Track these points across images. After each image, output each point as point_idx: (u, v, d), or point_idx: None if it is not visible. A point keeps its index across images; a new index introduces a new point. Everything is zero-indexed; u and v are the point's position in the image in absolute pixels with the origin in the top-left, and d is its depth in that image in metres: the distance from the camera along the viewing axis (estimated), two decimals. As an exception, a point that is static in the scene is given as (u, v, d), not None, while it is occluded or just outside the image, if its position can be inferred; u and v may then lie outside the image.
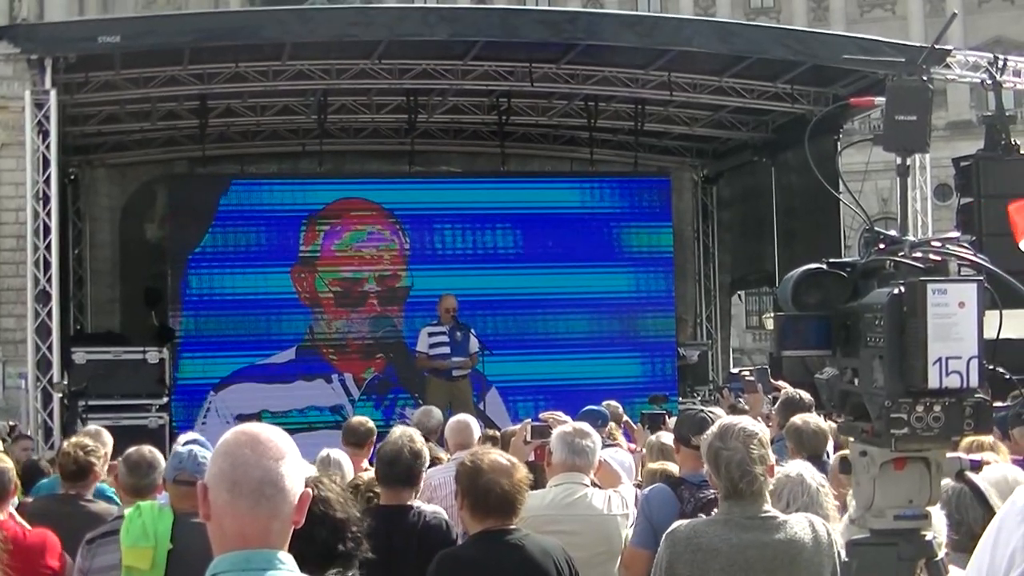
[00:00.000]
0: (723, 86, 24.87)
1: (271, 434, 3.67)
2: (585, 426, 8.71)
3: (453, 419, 11.92)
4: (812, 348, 3.94)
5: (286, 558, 3.55)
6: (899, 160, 4.00)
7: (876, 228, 3.87)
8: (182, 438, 9.99)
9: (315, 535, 3.93)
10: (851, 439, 3.94)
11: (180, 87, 24.06)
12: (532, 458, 9.19)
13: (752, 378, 13.45)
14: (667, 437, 10.09)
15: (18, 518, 8.38)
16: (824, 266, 3.98)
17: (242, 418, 24.16)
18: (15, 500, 8.67)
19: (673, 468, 9.64)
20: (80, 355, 22.19)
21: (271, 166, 28.34)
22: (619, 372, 25.76)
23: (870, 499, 3.85)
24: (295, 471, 3.63)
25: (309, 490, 3.68)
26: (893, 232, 3.87)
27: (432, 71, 24.31)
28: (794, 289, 3.96)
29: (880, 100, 15.69)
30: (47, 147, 20.60)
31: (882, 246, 3.86)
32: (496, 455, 7.11)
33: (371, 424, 11.15)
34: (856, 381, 3.79)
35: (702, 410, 9.01)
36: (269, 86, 24.16)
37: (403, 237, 26.36)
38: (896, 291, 3.59)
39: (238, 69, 23.56)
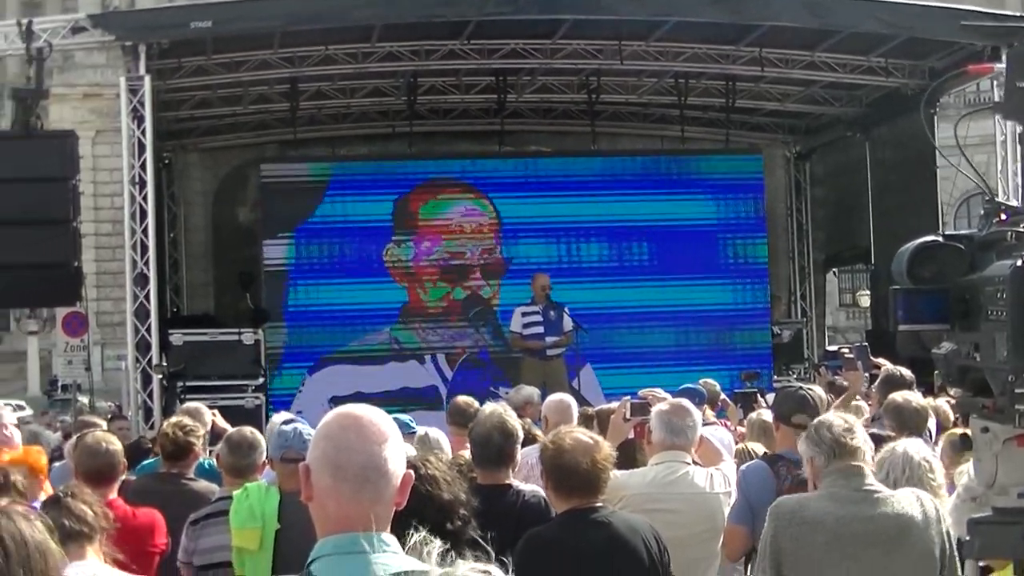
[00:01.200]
0: (815, 61, 24.59)
1: (374, 416, 3.64)
2: (686, 403, 8.63)
3: (552, 397, 11.87)
4: (929, 322, 3.85)
5: (390, 539, 3.53)
6: (1021, 128, 3.89)
7: (997, 199, 3.76)
8: (277, 418, 10.03)
9: (424, 515, 3.91)
10: (972, 415, 3.84)
11: (271, 71, 24.19)
12: (632, 436, 9.11)
13: (851, 355, 13.27)
14: (767, 415, 10.00)
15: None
16: (940, 238, 3.89)
17: (337, 400, 24.30)
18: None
19: (758, 448, 9.56)
20: (177, 337, 22.39)
21: (361, 148, 28.43)
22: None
23: (992, 477, 3.76)
24: (398, 454, 3.61)
25: (411, 472, 3.65)
26: (1015, 203, 3.77)
27: (521, 51, 24.25)
28: (909, 262, 3.87)
29: (1000, 66, 15.34)
30: (142, 132, 20.79)
31: (1003, 217, 3.75)
32: (579, 434, 7.06)
33: (477, 405, 11.14)
34: (977, 356, 3.69)
35: (801, 387, 8.93)
36: (359, 68, 24.21)
37: (495, 216, 26.38)
38: (1019, 263, 3.48)
39: (328, 52, 23.62)
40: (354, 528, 3.51)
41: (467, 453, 8.17)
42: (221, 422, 11.58)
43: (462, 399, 11.76)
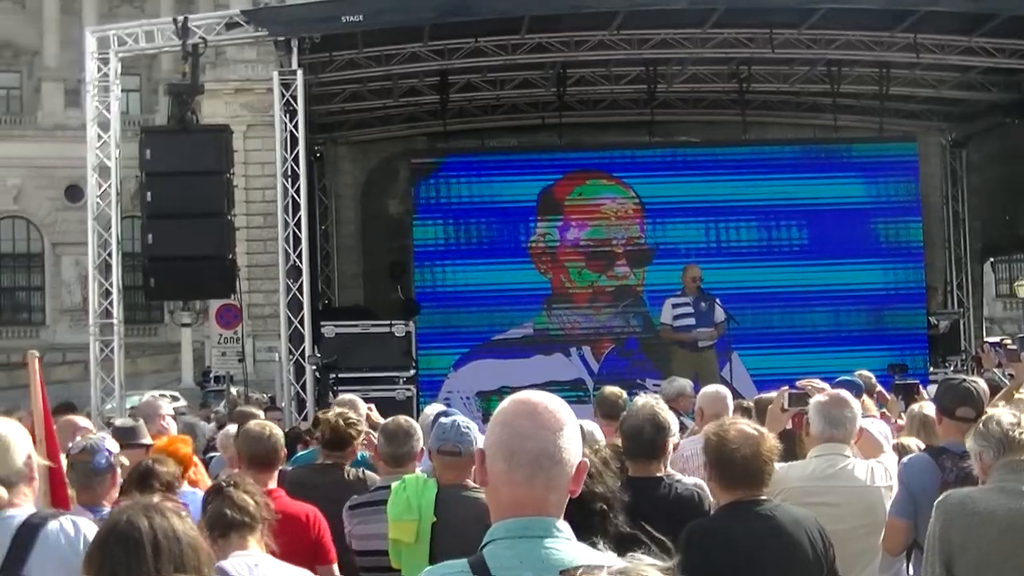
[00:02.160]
0: (972, 46, 24.12)
1: (550, 403, 3.63)
2: (845, 394, 8.47)
3: (706, 389, 11.77)
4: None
5: (563, 526, 3.53)
6: None
7: None
8: (430, 409, 10.03)
9: (575, 508, 3.88)
10: None
11: (421, 63, 24.34)
12: (790, 426, 8.99)
13: (1015, 347, 12.99)
14: (928, 408, 9.81)
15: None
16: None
17: (482, 395, 24.39)
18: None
19: (912, 443, 9.38)
20: (329, 329, 22.61)
21: (511, 140, 28.51)
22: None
23: None
24: (573, 441, 3.59)
25: (587, 461, 3.63)
26: None
27: (671, 40, 24.12)
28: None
29: None
30: (295, 126, 21.03)
31: None
32: (743, 425, 6.96)
33: (626, 396, 11.07)
34: None
35: (964, 380, 8.75)
36: (508, 60, 24.28)
37: (639, 202, 26.29)
38: None
39: (477, 44, 23.71)
40: (527, 513, 3.51)
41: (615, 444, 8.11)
42: (376, 416, 11.63)
43: (610, 390, 11.71)
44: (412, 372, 22.68)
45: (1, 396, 47.16)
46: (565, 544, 3.48)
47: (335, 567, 8.12)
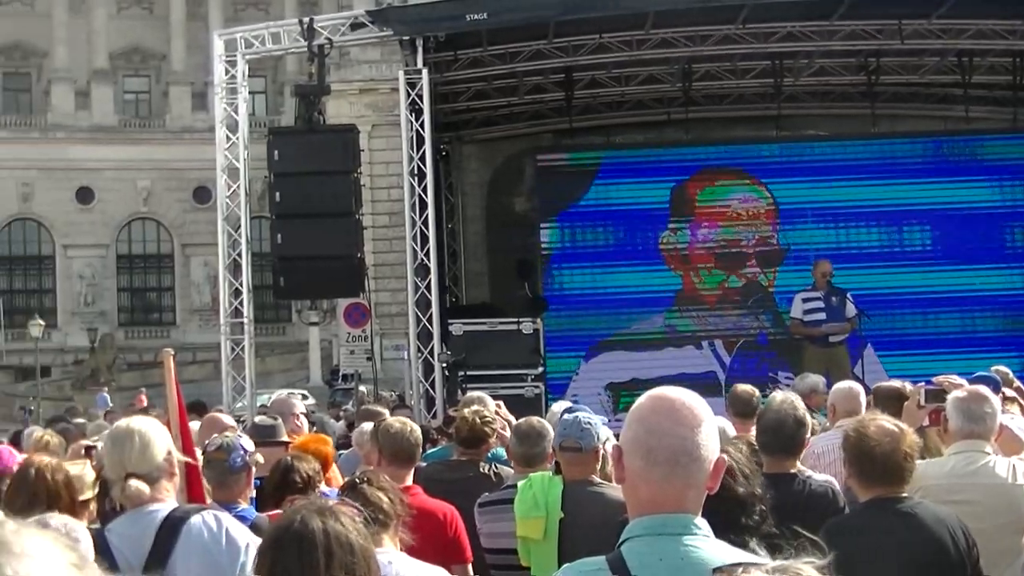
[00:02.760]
0: (1113, 32, 23.66)
1: (688, 400, 3.58)
2: (983, 390, 8.29)
3: (839, 385, 11.60)
4: None
5: (701, 523, 3.48)
6: None
7: None
8: (556, 406, 9.99)
9: (715, 507, 3.81)
10: None
11: (546, 60, 24.35)
12: (926, 423, 8.84)
13: None
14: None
15: None
16: None
17: (612, 387, 24.32)
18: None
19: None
20: (457, 327, 22.61)
21: (637, 136, 28.39)
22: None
23: None
24: (711, 438, 3.54)
25: (724, 457, 3.58)
26: None
27: (798, 33, 23.90)
28: None
29: None
30: (421, 125, 21.14)
31: None
32: (883, 421, 6.85)
33: (759, 394, 10.95)
34: None
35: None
36: (633, 56, 24.20)
37: (771, 202, 26.07)
38: None
39: (602, 40, 23.67)
40: (665, 510, 3.47)
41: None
42: (506, 413, 11.62)
43: (742, 388, 11.57)
44: (540, 369, 22.62)
45: (134, 395, 47.95)
46: (704, 541, 3.44)
47: (470, 567, 8.11)
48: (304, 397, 37.02)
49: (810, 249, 24.48)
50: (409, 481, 8.21)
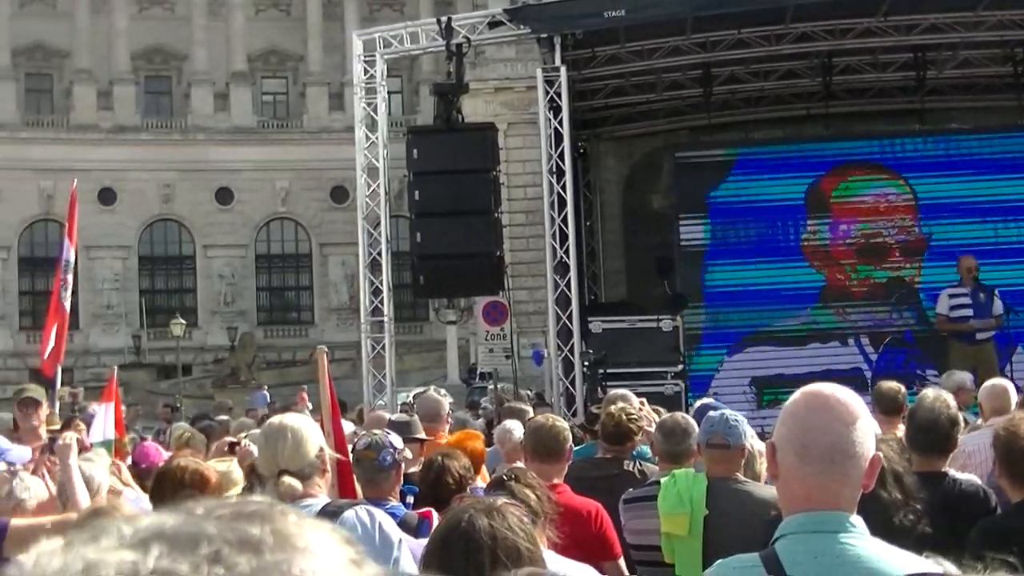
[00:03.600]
0: None
1: (843, 396, 3.53)
2: None
3: (988, 383, 11.42)
4: None
5: (857, 521, 3.43)
6: None
7: None
8: (697, 403, 9.93)
9: (867, 506, 3.77)
10: None
11: (683, 57, 24.26)
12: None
13: None
14: None
15: None
16: None
17: (757, 382, 24.13)
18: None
19: None
20: (596, 324, 22.58)
21: (775, 132, 28.16)
22: None
23: None
24: (866, 435, 3.49)
25: (880, 455, 3.53)
26: None
27: (941, 25, 23.55)
28: None
29: None
30: (559, 122, 21.15)
31: None
32: (1035, 419, 6.71)
33: (905, 392, 10.80)
34: None
35: None
36: (772, 51, 24.04)
37: (911, 197, 25.69)
38: None
39: (740, 36, 23.53)
40: (819, 508, 3.42)
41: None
42: (650, 410, 11.59)
43: (888, 385, 11.38)
44: (680, 367, 22.52)
45: (274, 393, 48.48)
46: (860, 539, 3.39)
47: (621, 562, 8.08)
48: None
49: (954, 245, 24.05)
50: (558, 479, 8.19)
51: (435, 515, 6.35)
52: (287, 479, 5.71)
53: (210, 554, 1.05)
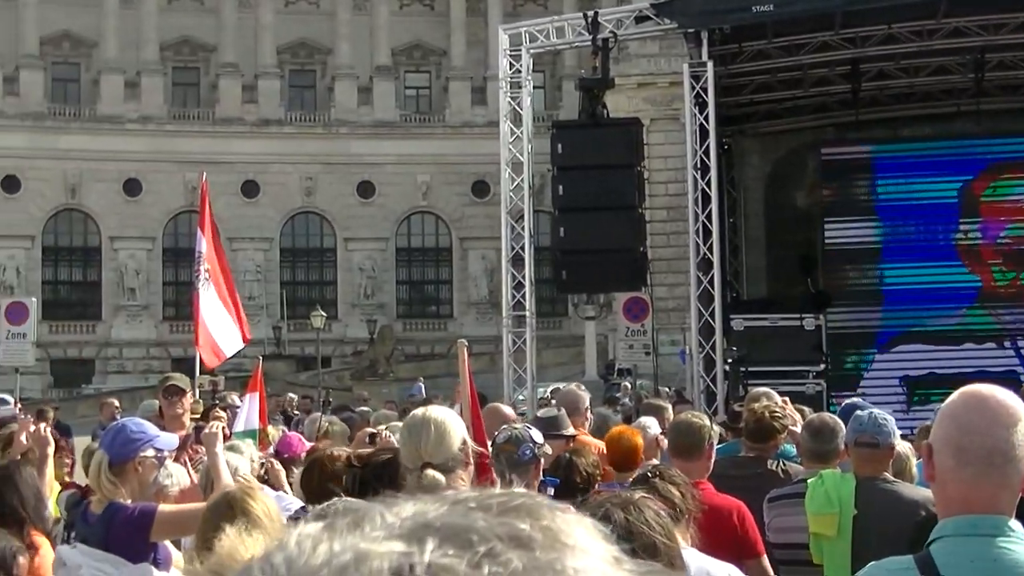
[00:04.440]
0: None
1: (1003, 397, 3.44)
2: None
3: None
4: None
5: (1016, 525, 3.34)
6: None
7: None
8: (844, 403, 9.78)
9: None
10: None
11: (831, 52, 23.99)
12: None
13: None
14: None
15: None
16: None
17: (908, 380, 23.76)
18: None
19: None
20: (738, 322, 22.46)
21: (924, 128, 27.71)
22: None
23: None
24: (1024, 437, 3.40)
25: (1042, 459, 3.44)
26: None
27: (1099, 21, 23.05)
28: None
29: None
30: (705, 118, 21.04)
31: None
32: None
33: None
34: None
35: None
36: (923, 46, 23.68)
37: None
38: None
39: (891, 31, 23.22)
40: (976, 511, 3.34)
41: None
42: (792, 410, 11.48)
43: (1042, 387, 11.18)
44: (822, 367, 22.29)
45: (410, 387, 48.76)
46: (1018, 544, 3.31)
47: (765, 559, 7.99)
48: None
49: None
50: (701, 476, 8.12)
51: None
52: (430, 472, 5.69)
53: (485, 551, 1.02)
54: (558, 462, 7.76)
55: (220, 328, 13.54)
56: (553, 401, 17.04)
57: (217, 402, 13.51)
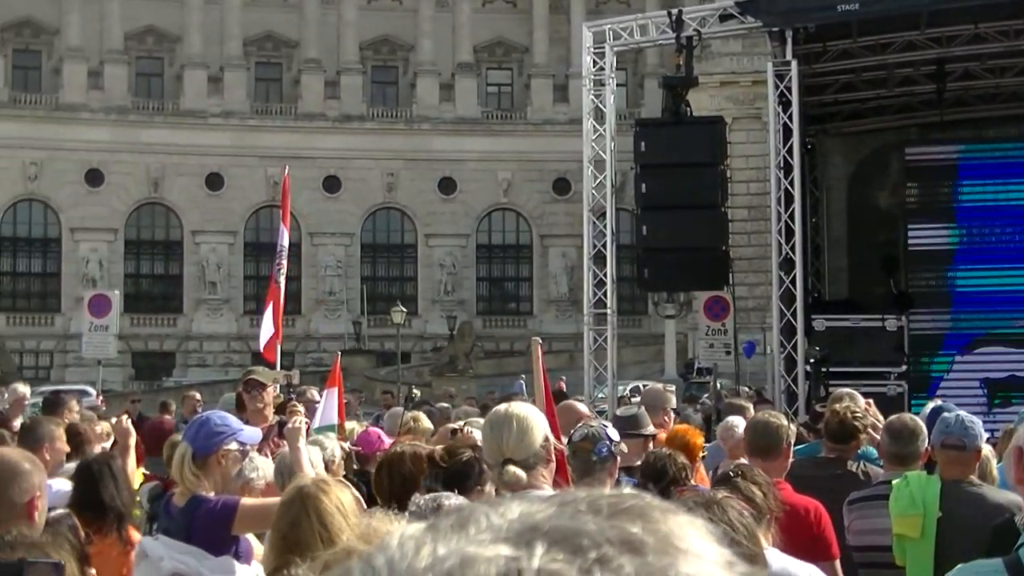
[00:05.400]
0: None
1: None
2: None
3: None
4: None
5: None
6: None
7: None
8: (930, 405, 9.72)
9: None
10: None
11: (917, 52, 23.78)
12: None
13: None
14: None
15: None
16: None
17: (987, 383, 23.50)
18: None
19: None
20: (820, 322, 22.30)
21: (1010, 129, 27.38)
22: None
23: None
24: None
25: None
26: None
27: None
28: None
29: None
30: (788, 117, 20.94)
31: None
32: None
33: None
34: None
35: None
36: (1010, 46, 23.41)
37: None
38: None
39: (977, 31, 22.98)
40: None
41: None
42: (875, 411, 11.40)
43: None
44: (904, 368, 22.11)
45: (489, 383, 48.91)
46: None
47: (837, 564, 7.94)
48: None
49: None
50: (779, 476, 8.08)
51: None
52: (512, 468, 5.68)
53: (597, 556, 0.99)
54: (649, 462, 7.74)
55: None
56: (635, 399, 17.03)
57: (293, 396, 13.55)
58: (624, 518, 1.03)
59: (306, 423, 8.68)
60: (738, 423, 10.32)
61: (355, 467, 9.71)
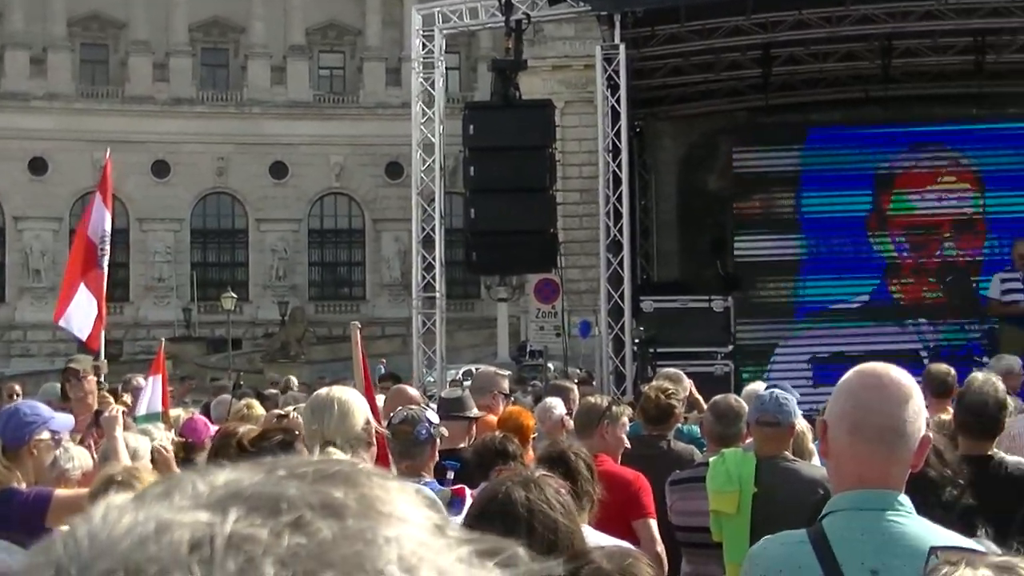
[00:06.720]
0: None
1: (896, 375, 3.54)
2: None
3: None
4: None
5: (905, 500, 3.47)
6: None
7: None
8: (752, 386, 9.89)
9: (914, 485, 3.73)
10: None
11: (743, 37, 24.11)
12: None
13: None
14: None
15: None
16: None
17: (815, 360, 23.98)
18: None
19: None
20: (647, 303, 22.55)
21: (834, 114, 27.89)
22: None
23: None
24: (918, 415, 3.50)
25: (930, 435, 3.52)
26: None
27: (1003, 8, 23.33)
28: None
29: None
30: (616, 100, 21.10)
31: None
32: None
33: (954, 373, 10.73)
34: None
35: None
36: (832, 32, 23.85)
37: (976, 183, 25.43)
38: None
39: (801, 16, 23.38)
40: (869, 486, 3.44)
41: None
42: (695, 394, 11.57)
43: (937, 367, 11.30)
44: (730, 347, 22.46)
45: (323, 368, 48.65)
46: (907, 518, 3.42)
47: (653, 522, 8.05)
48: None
49: (1014, 228, 23.81)
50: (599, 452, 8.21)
51: (468, 492, 6.33)
52: (332, 451, 5.69)
53: (292, 520, 0.97)
54: (485, 445, 7.76)
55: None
56: (467, 383, 17.09)
57: (105, 385, 13.32)
58: (328, 483, 1.01)
59: (124, 411, 8.57)
60: (555, 404, 10.41)
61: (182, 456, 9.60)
